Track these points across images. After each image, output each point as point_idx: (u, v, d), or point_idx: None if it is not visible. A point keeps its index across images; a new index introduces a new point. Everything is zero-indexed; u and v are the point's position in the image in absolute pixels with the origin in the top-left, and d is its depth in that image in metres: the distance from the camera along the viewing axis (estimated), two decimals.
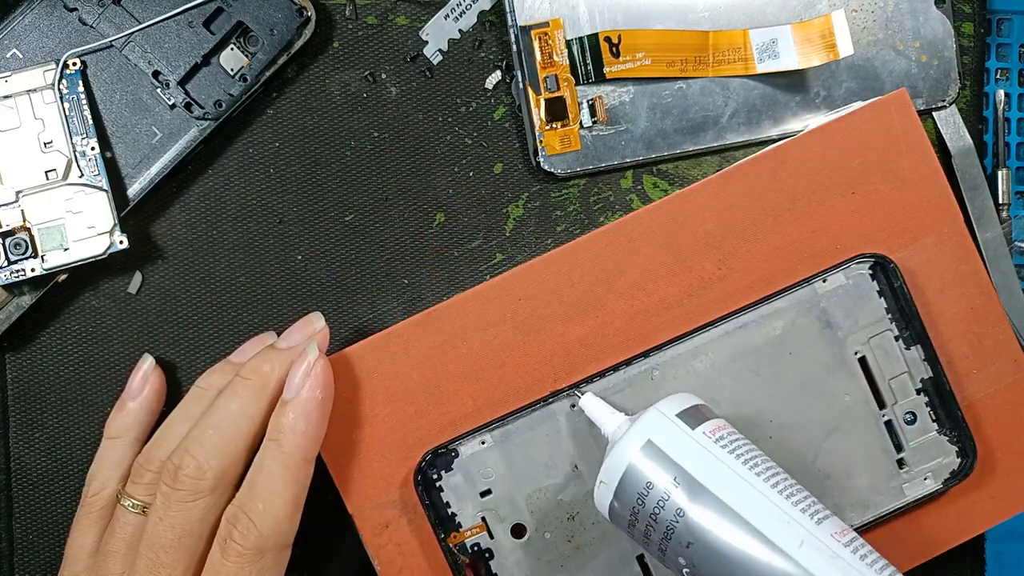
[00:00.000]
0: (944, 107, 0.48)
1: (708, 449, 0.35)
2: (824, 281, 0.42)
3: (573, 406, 0.42)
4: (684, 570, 0.34)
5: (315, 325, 0.42)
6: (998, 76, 0.54)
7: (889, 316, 0.43)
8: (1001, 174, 0.51)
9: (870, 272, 0.43)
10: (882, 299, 0.43)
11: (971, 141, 0.48)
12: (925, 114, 0.48)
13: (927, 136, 0.44)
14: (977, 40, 0.49)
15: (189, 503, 0.39)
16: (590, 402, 0.40)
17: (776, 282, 0.43)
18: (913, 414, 0.43)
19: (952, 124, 0.48)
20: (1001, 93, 0.53)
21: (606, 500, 0.36)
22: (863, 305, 0.43)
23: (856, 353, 0.43)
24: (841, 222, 0.44)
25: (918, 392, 0.43)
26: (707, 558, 0.34)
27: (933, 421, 0.43)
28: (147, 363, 0.45)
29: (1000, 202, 0.51)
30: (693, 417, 0.36)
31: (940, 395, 0.43)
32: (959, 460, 0.43)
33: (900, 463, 0.43)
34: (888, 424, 0.43)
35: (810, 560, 0.33)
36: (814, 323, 0.43)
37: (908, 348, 0.43)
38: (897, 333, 0.43)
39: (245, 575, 0.38)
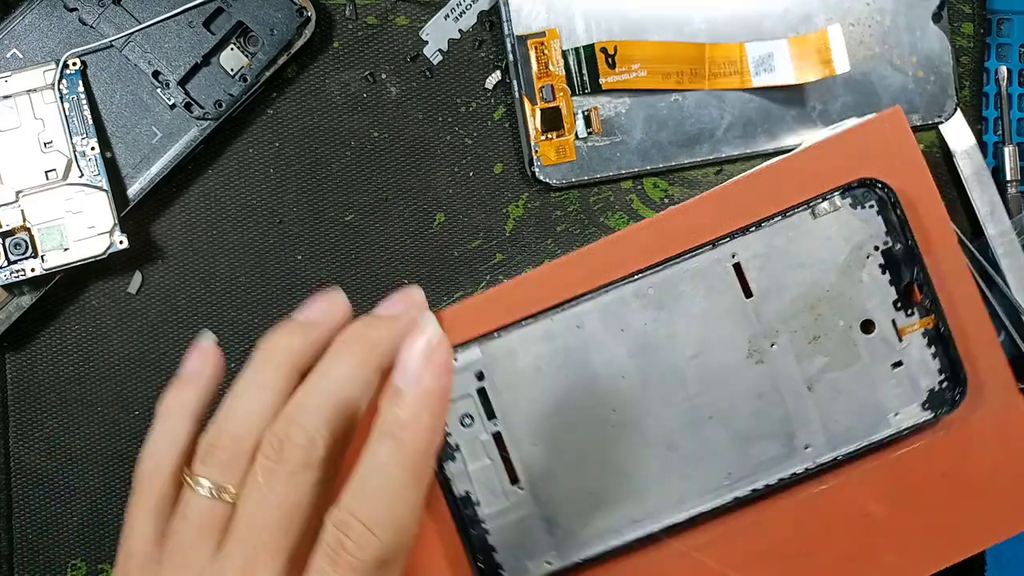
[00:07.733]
0: (941, 123, 0.48)
1: None
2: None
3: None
4: None
5: (415, 296, 0.36)
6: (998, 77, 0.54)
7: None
8: (1008, 150, 0.51)
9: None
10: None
11: (975, 138, 0.48)
12: (922, 129, 0.48)
13: (922, 156, 0.44)
14: (977, 40, 0.49)
15: (298, 477, 0.33)
16: None
17: None
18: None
19: (954, 121, 0.48)
20: (1004, 69, 0.53)
21: None
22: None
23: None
24: None
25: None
26: None
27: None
28: (207, 339, 0.38)
29: (1008, 179, 0.51)
30: None
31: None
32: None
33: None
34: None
35: None
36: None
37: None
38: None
39: None
